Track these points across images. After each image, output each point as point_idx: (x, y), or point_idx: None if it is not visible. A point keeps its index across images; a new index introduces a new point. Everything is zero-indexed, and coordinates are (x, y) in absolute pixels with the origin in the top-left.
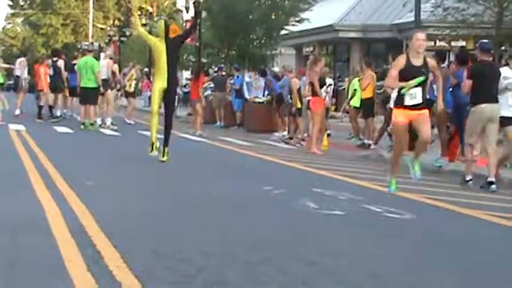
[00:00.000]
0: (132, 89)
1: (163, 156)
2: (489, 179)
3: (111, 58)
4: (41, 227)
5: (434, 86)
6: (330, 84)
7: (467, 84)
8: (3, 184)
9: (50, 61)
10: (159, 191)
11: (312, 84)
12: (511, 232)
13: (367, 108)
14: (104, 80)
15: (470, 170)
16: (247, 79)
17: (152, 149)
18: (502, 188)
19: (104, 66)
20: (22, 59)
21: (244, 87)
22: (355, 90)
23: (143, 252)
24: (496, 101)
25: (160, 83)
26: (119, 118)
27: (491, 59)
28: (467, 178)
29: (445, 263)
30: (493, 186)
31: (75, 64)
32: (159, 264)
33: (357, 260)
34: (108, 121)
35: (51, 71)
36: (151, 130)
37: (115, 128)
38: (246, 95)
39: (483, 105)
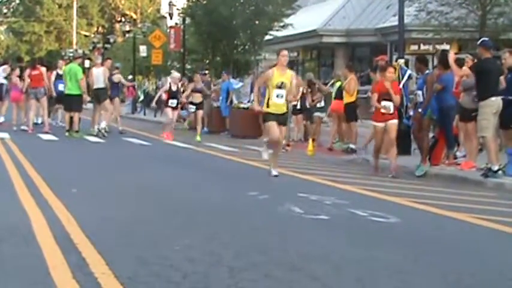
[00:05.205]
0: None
1: None
2: (493, 168)
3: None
4: (25, 234)
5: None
6: None
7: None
8: None
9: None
10: (144, 197)
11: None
12: (495, 234)
13: (350, 112)
14: (100, 89)
15: (497, 159)
16: (235, 86)
17: None
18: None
19: (100, 74)
20: (5, 66)
21: (233, 93)
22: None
23: (128, 258)
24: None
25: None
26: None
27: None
28: (495, 168)
29: (431, 266)
30: (500, 172)
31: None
32: (144, 271)
33: (342, 265)
34: (103, 124)
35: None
36: None
37: (105, 134)
38: (235, 101)
39: (493, 99)
